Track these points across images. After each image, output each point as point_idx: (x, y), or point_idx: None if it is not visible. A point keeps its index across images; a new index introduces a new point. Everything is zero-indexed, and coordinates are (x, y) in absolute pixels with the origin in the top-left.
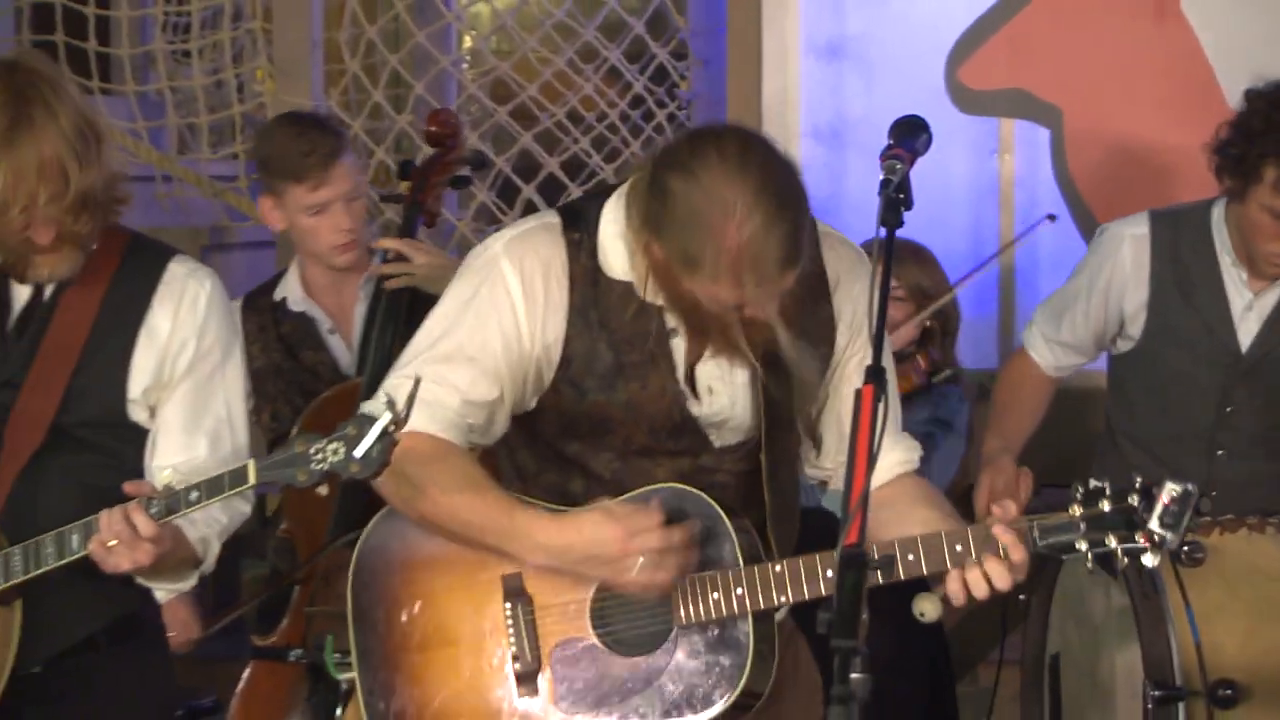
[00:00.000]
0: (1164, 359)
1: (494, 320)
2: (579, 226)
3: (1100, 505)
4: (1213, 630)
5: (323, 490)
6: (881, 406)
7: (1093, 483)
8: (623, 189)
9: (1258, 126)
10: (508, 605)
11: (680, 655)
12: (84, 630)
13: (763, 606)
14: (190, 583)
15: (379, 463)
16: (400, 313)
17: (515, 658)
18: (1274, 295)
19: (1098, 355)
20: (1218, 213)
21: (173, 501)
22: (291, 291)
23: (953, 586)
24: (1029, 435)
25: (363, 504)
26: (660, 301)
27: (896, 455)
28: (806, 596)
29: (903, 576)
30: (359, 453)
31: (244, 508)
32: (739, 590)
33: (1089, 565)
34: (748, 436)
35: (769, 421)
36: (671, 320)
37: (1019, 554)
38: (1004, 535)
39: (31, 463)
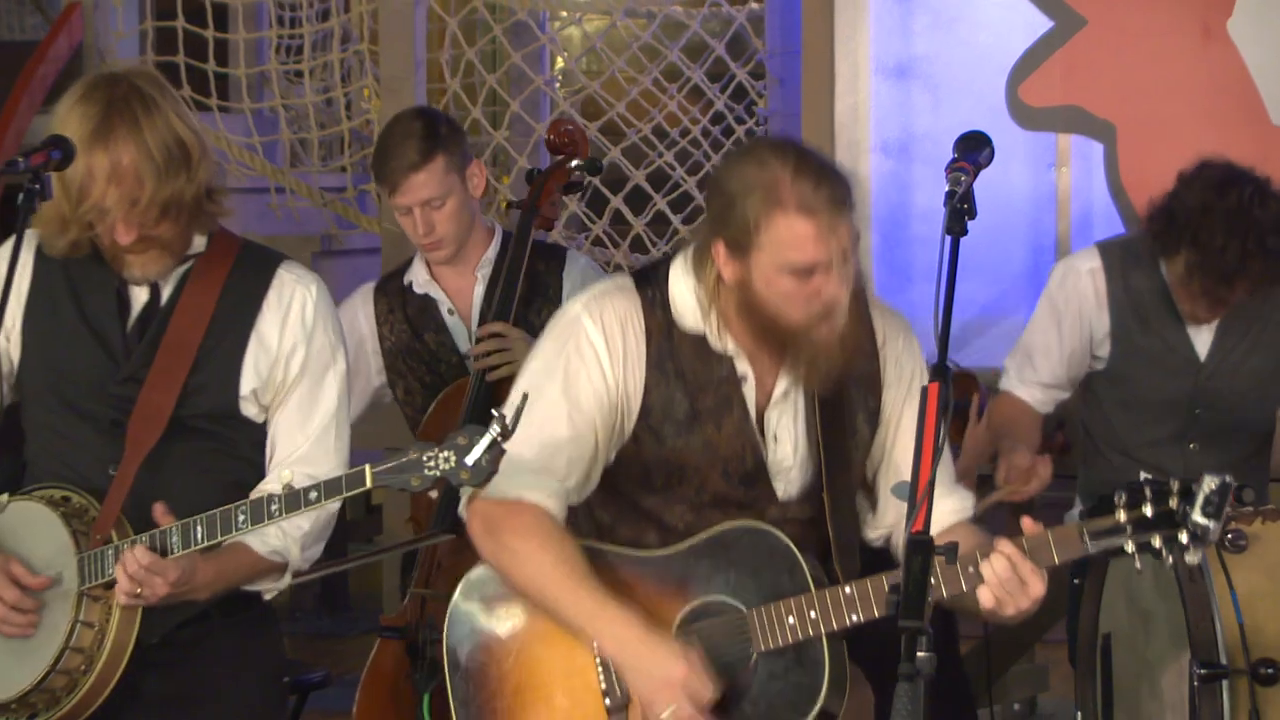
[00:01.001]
0: (1133, 377)
1: (583, 374)
2: (651, 285)
3: (1143, 508)
4: (1255, 612)
5: (434, 494)
6: (948, 399)
7: (1138, 482)
8: (686, 250)
9: (1179, 208)
10: (596, 646)
11: (761, 679)
12: (200, 604)
13: (835, 627)
14: (284, 582)
15: (488, 472)
16: (513, 300)
17: (605, 694)
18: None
19: (1074, 387)
20: None
21: (293, 499)
22: (417, 275)
23: (984, 594)
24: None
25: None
26: (731, 350)
27: (951, 504)
28: (876, 614)
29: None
30: (470, 460)
31: (333, 505)
32: (812, 614)
33: (1137, 566)
34: (806, 485)
35: (829, 460)
36: (742, 367)
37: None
38: (1004, 547)
39: (154, 452)
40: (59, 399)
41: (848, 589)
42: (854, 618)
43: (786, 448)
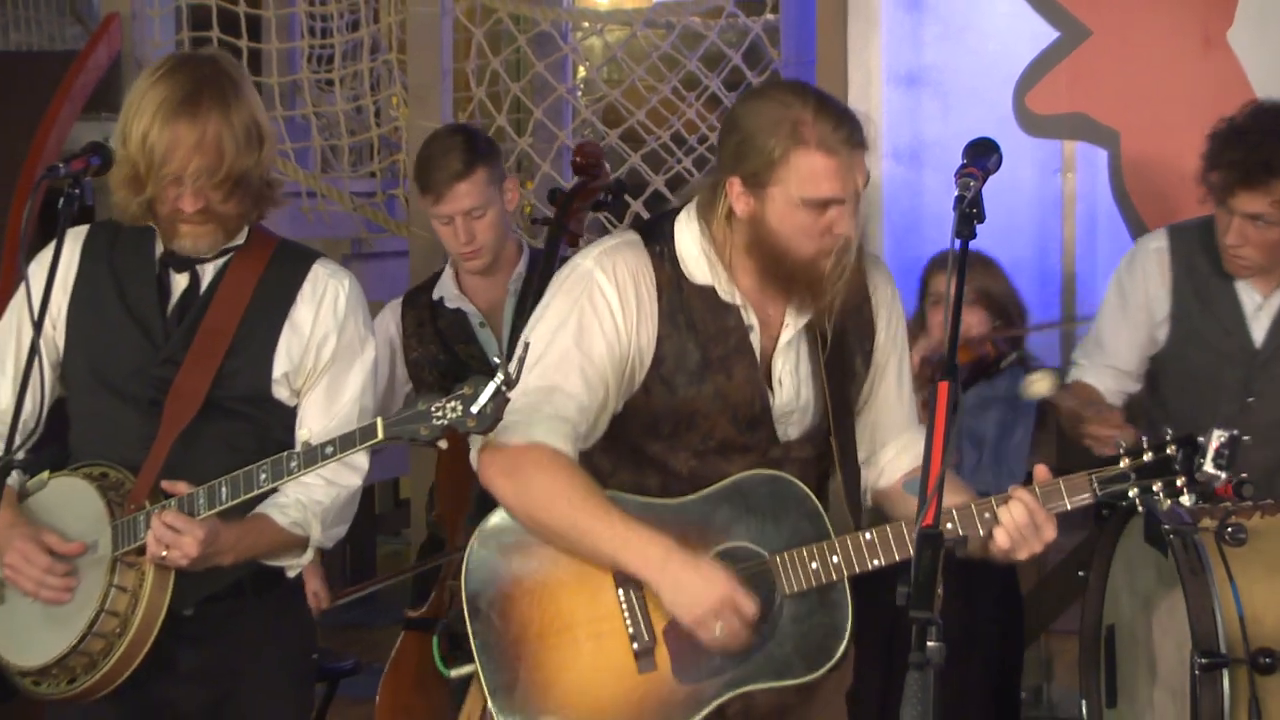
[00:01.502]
0: (1189, 359)
1: (596, 326)
2: (658, 240)
3: (1143, 456)
4: (1254, 604)
5: (443, 444)
6: (956, 398)
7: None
8: (690, 206)
9: (1218, 133)
10: (620, 591)
11: (786, 620)
12: (233, 575)
13: (857, 570)
14: (306, 557)
15: (492, 419)
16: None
17: (633, 638)
18: None
19: (1141, 379)
20: None
21: (310, 455)
22: (447, 290)
23: (1000, 536)
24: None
25: None
26: (739, 301)
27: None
28: (896, 559)
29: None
30: (475, 409)
31: (350, 483)
32: (834, 558)
33: (1139, 509)
34: (809, 427)
35: (835, 404)
36: (749, 317)
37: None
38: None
39: (188, 430)
40: (101, 383)
41: (868, 535)
42: (875, 562)
43: (790, 392)
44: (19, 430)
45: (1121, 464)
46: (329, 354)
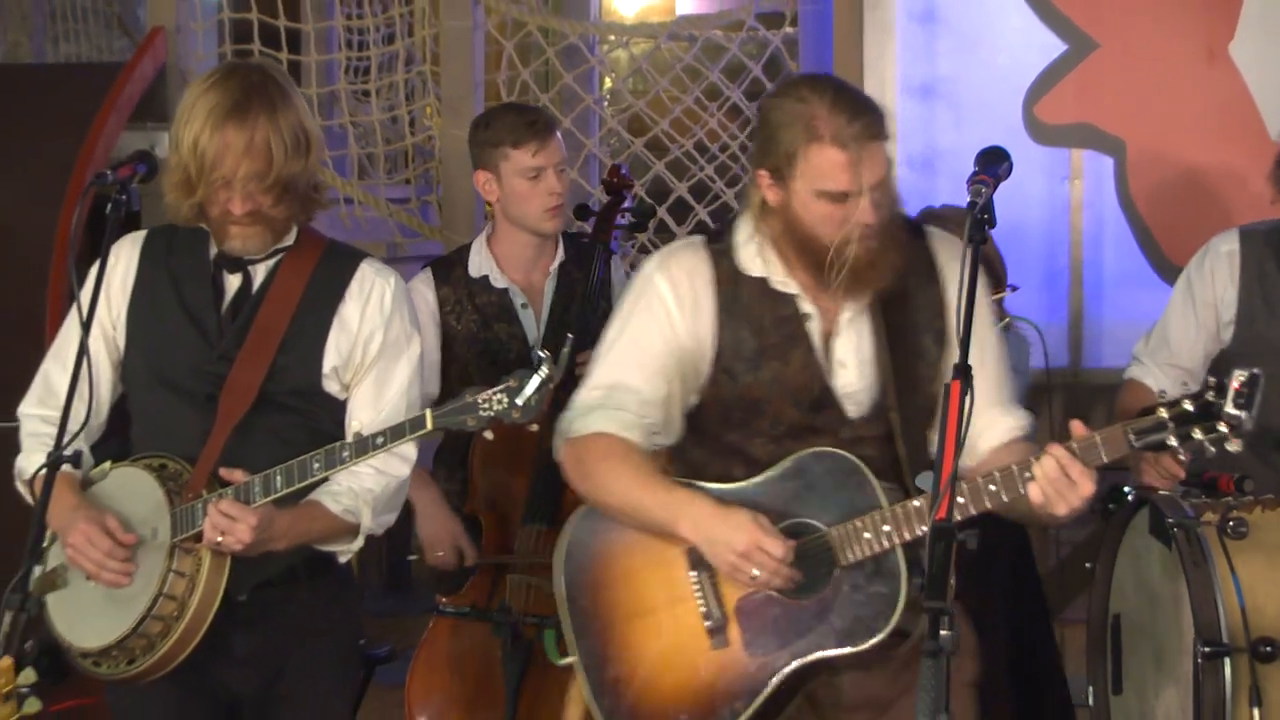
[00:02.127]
0: (1253, 364)
1: (653, 325)
2: (719, 240)
3: (1183, 405)
4: (1255, 595)
5: (488, 434)
6: (969, 396)
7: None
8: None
9: None
10: (693, 573)
11: (845, 590)
12: (285, 562)
13: (907, 538)
14: (357, 543)
15: (537, 410)
16: (593, 297)
17: (705, 616)
18: None
19: (1202, 376)
20: None
21: (361, 445)
22: (489, 268)
23: (1033, 490)
24: None
25: (555, 498)
26: (794, 290)
27: (1010, 422)
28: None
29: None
30: (520, 400)
31: (399, 472)
32: (886, 527)
33: (1181, 457)
34: (875, 404)
35: (898, 380)
36: (805, 305)
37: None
38: (1054, 449)
39: (242, 423)
40: (160, 381)
41: (916, 502)
42: (922, 528)
43: (852, 373)
44: (79, 426)
45: (1160, 413)
46: (376, 349)
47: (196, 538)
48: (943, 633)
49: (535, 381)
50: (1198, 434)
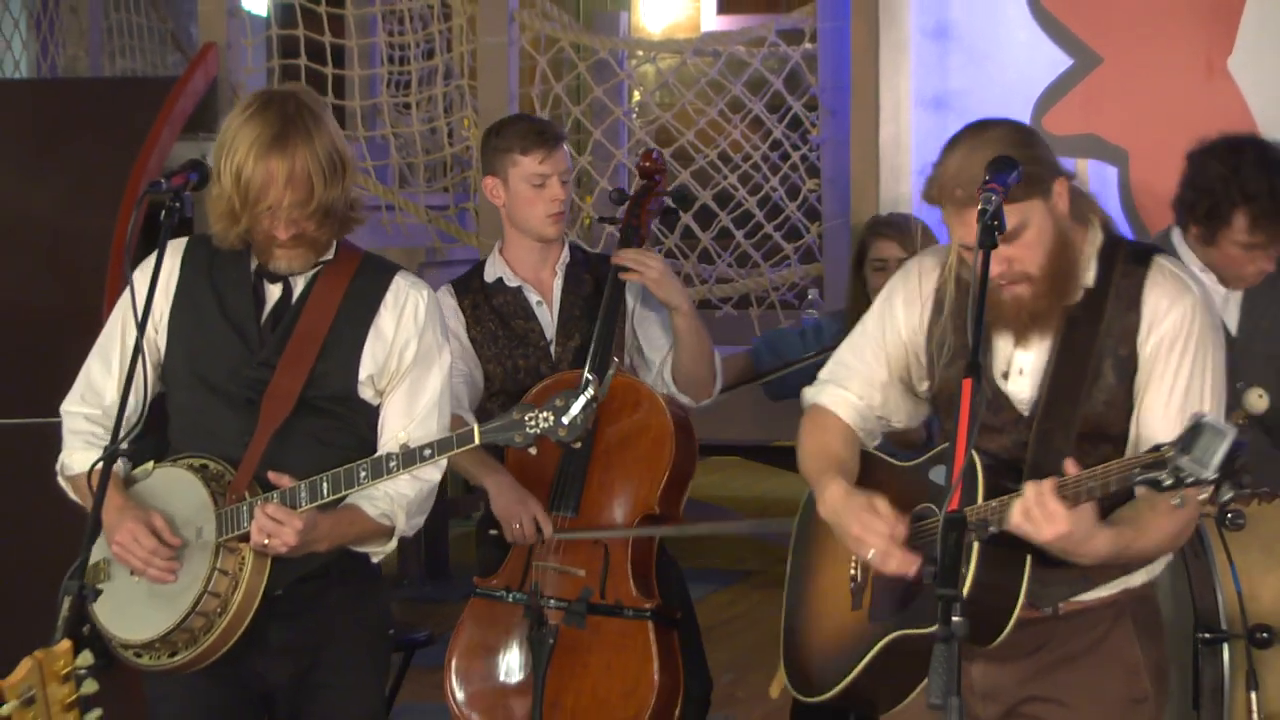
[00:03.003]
0: None
1: (887, 315)
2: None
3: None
4: (1252, 584)
5: (533, 450)
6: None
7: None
8: None
9: (1218, 183)
10: None
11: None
12: (320, 560)
13: (1005, 528)
14: (390, 545)
15: (582, 429)
16: (617, 301)
17: (851, 579)
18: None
19: None
20: (1176, 234)
21: (409, 456)
22: (503, 271)
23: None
24: None
25: (578, 488)
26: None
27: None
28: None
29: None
30: (566, 419)
31: (433, 478)
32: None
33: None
34: (1033, 414)
35: (1051, 394)
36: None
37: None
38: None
39: (283, 427)
40: (199, 381)
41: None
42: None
43: (1024, 381)
44: (136, 421)
45: (1134, 461)
46: (410, 358)
47: (241, 538)
48: (954, 619)
49: (581, 401)
50: (1167, 482)
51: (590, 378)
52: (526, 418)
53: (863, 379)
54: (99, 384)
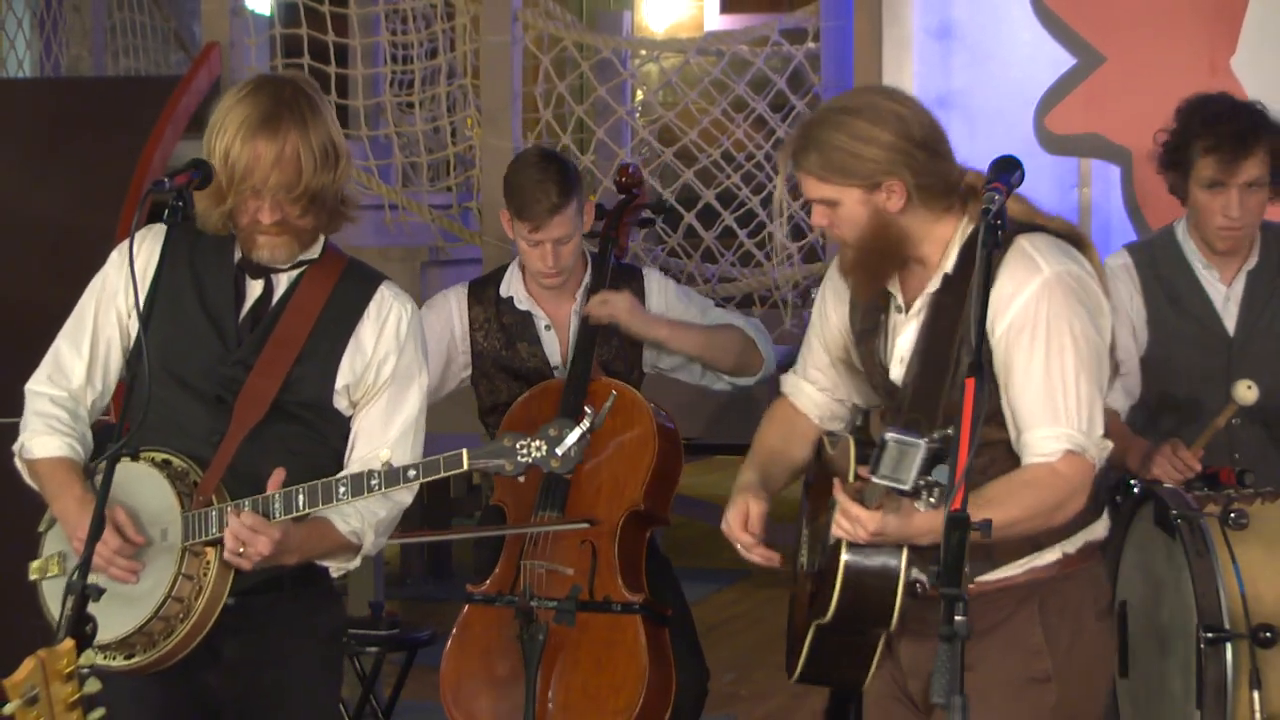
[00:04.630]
0: (1173, 358)
1: (820, 305)
2: None
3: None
4: (1255, 583)
5: (521, 479)
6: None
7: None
8: None
9: (1180, 126)
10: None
11: None
12: (274, 570)
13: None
14: (354, 563)
15: (575, 460)
16: (590, 346)
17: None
18: (1241, 282)
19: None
20: (1180, 229)
21: (392, 475)
22: (517, 291)
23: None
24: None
25: (563, 488)
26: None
27: (1033, 445)
28: None
29: None
30: (560, 450)
31: (405, 499)
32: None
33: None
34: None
35: (917, 380)
36: (896, 297)
37: None
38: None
39: (255, 430)
40: (170, 375)
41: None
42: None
43: (901, 369)
44: (139, 418)
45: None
46: (388, 373)
47: (208, 543)
48: (957, 618)
49: (576, 434)
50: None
51: (588, 410)
52: (518, 445)
53: (813, 364)
54: (67, 365)
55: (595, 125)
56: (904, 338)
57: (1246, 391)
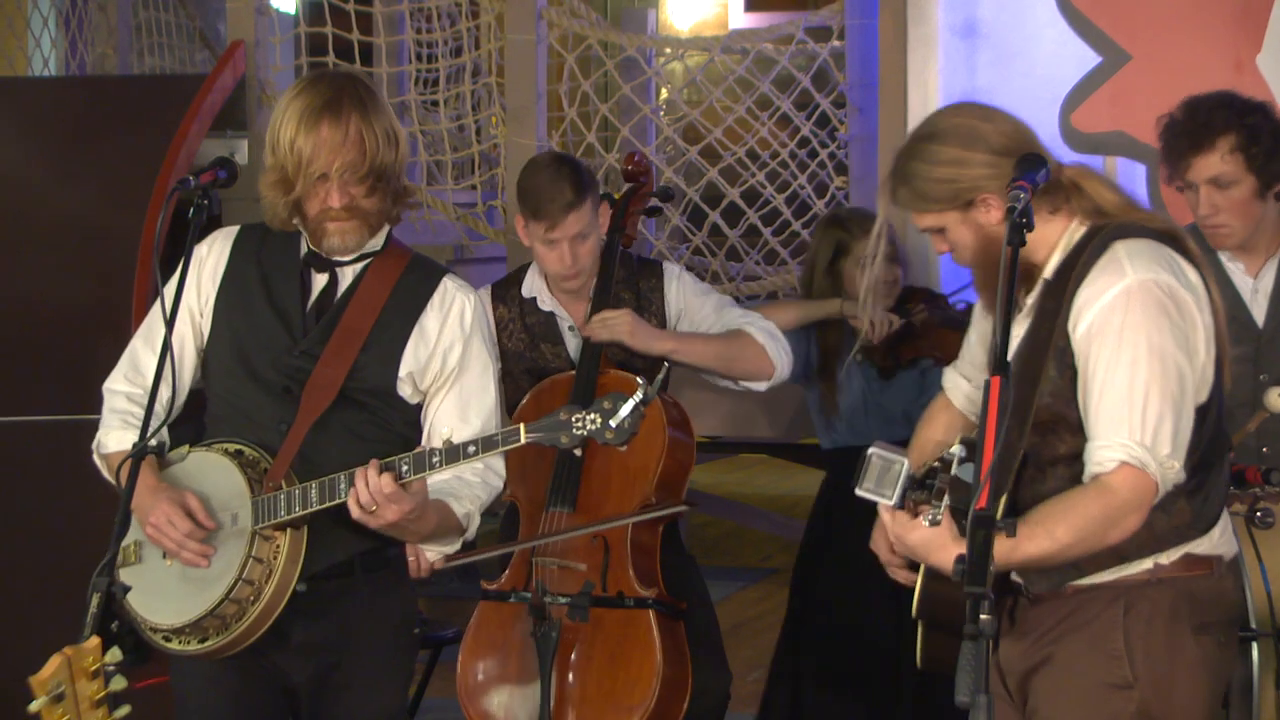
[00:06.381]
0: None
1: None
2: None
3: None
4: None
5: (578, 452)
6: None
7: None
8: None
9: (1177, 117)
10: None
11: None
12: (344, 554)
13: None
14: (454, 546)
15: (630, 432)
16: (606, 300)
17: None
18: (1270, 275)
19: None
20: None
21: (452, 452)
22: (540, 292)
23: None
24: None
25: (574, 484)
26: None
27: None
28: None
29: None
30: (614, 422)
31: (498, 483)
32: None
33: None
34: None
35: (1015, 388)
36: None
37: None
38: None
39: (322, 418)
40: (241, 366)
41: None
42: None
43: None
44: (163, 417)
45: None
46: (455, 362)
47: (277, 525)
48: (983, 616)
49: (630, 405)
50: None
51: (643, 381)
52: (574, 419)
53: (969, 360)
54: (143, 365)
55: (620, 123)
56: (1017, 342)
57: (1278, 400)
